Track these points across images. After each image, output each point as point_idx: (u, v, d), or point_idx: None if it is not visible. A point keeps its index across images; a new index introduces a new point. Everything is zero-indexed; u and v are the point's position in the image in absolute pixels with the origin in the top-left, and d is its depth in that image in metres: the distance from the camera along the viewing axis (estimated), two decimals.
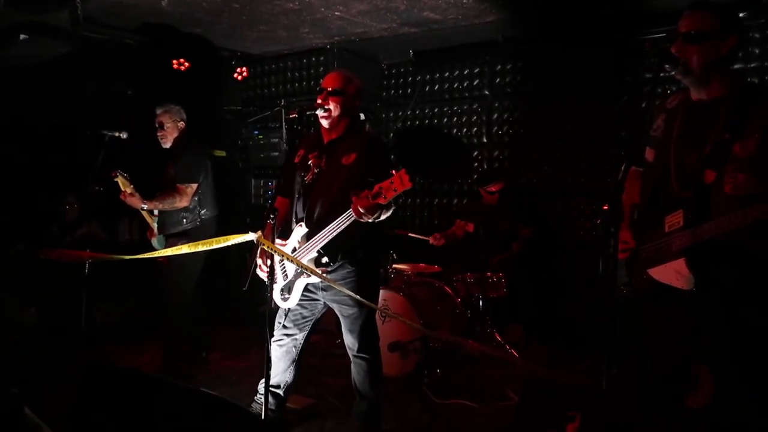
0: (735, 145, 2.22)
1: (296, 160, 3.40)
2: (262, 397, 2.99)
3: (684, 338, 2.47)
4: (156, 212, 4.45)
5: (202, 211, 4.46)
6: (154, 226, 4.50)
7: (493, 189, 5.23)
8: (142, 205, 4.34)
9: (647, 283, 2.47)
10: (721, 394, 2.45)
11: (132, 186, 4.35)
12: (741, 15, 4.33)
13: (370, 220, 2.89)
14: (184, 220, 4.39)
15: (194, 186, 4.39)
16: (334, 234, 3.03)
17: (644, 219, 2.53)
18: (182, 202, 4.34)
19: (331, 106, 3.19)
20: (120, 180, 4.33)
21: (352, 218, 2.91)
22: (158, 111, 4.48)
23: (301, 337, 3.43)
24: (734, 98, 2.29)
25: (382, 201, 2.75)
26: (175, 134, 4.48)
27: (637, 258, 2.52)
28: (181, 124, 4.50)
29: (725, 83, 2.33)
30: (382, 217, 2.97)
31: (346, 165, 3.16)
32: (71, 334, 4.43)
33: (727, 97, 2.31)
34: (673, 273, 2.34)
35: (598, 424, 1.72)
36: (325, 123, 3.25)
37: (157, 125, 4.46)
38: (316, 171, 3.26)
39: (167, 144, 4.49)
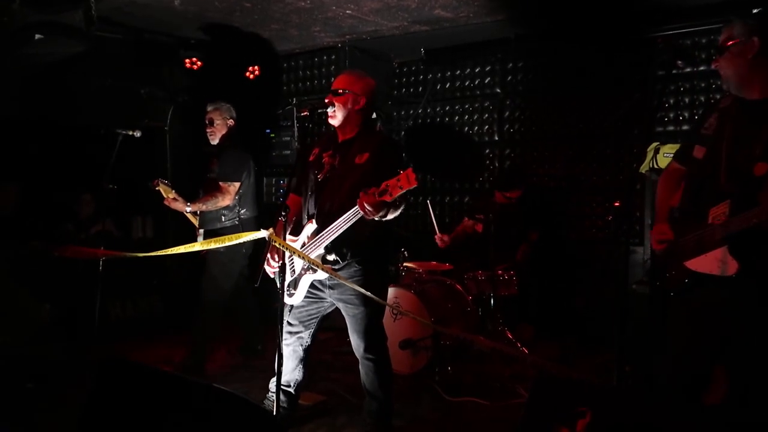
0: None
1: (311, 158, 3.43)
2: (274, 394, 3.01)
3: (714, 331, 2.49)
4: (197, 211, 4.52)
5: (242, 211, 4.49)
6: (196, 223, 4.57)
7: (511, 195, 5.21)
8: (187, 208, 4.38)
9: (683, 275, 2.53)
10: (741, 390, 2.46)
11: (174, 191, 4.41)
12: (755, 11, 4.29)
13: (376, 218, 2.89)
14: (223, 218, 4.44)
15: (237, 185, 4.42)
16: (342, 230, 3.05)
17: (687, 212, 2.58)
18: (225, 201, 4.37)
19: (336, 106, 3.23)
20: (162, 188, 4.40)
21: (359, 215, 2.91)
22: (209, 108, 4.54)
23: (306, 335, 3.43)
24: None
25: (387, 198, 2.75)
26: (224, 131, 4.52)
27: (674, 250, 2.57)
28: (231, 122, 4.54)
29: None
30: (390, 216, 2.97)
31: (358, 164, 3.17)
32: (85, 330, 4.47)
33: None
34: (714, 261, 2.40)
35: (609, 420, 1.72)
36: (331, 122, 3.29)
37: (207, 122, 4.51)
38: (329, 169, 3.28)
39: (215, 141, 4.54)
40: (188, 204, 4.37)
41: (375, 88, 3.36)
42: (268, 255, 3.25)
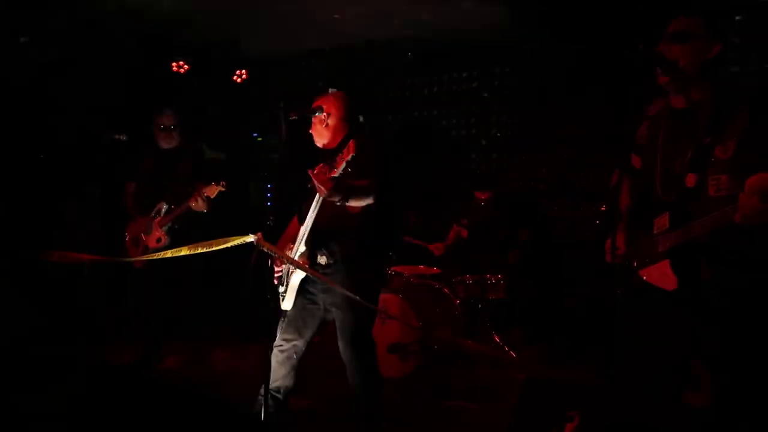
0: (716, 149, 2.25)
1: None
2: (262, 399, 3.00)
3: (677, 337, 2.47)
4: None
5: None
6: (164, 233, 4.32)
7: (480, 196, 5.23)
8: (205, 209, 4.17)
9: (639, 285, 2.50)
10: (717, 394, 2.46)
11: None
12: (737, 18, 4.36)
13: (336, 201, 2.94)
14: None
15: None
16: (312, 218, 3.11)
17: (635, 223, 2.56)
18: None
19: (313, 128, 3.42)
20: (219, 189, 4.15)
21: (320, 198, 3.00)
22: (168, 111, 4.43)
23: (301, 342, 3.43)
24: (713, 103, 2.31)
25: (334, 173, 2.85)
26: (179, 136, 4.44)
27: (630, 261, 2.55)
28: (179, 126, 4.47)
29: (705, 89, 2.35)
30: (353, 203, 3.02)
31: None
32: (71, 335, 4.43)
33: (706, 102, 2.33)
34: (659, 274, 2.38)
35: (597, 423, 1.74)
36: (318, 144, 3.44)
37: (171, 126, 4.40)
38: None
39: (172, 144, 4.43)
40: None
41: (347, 98, 3.45)
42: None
